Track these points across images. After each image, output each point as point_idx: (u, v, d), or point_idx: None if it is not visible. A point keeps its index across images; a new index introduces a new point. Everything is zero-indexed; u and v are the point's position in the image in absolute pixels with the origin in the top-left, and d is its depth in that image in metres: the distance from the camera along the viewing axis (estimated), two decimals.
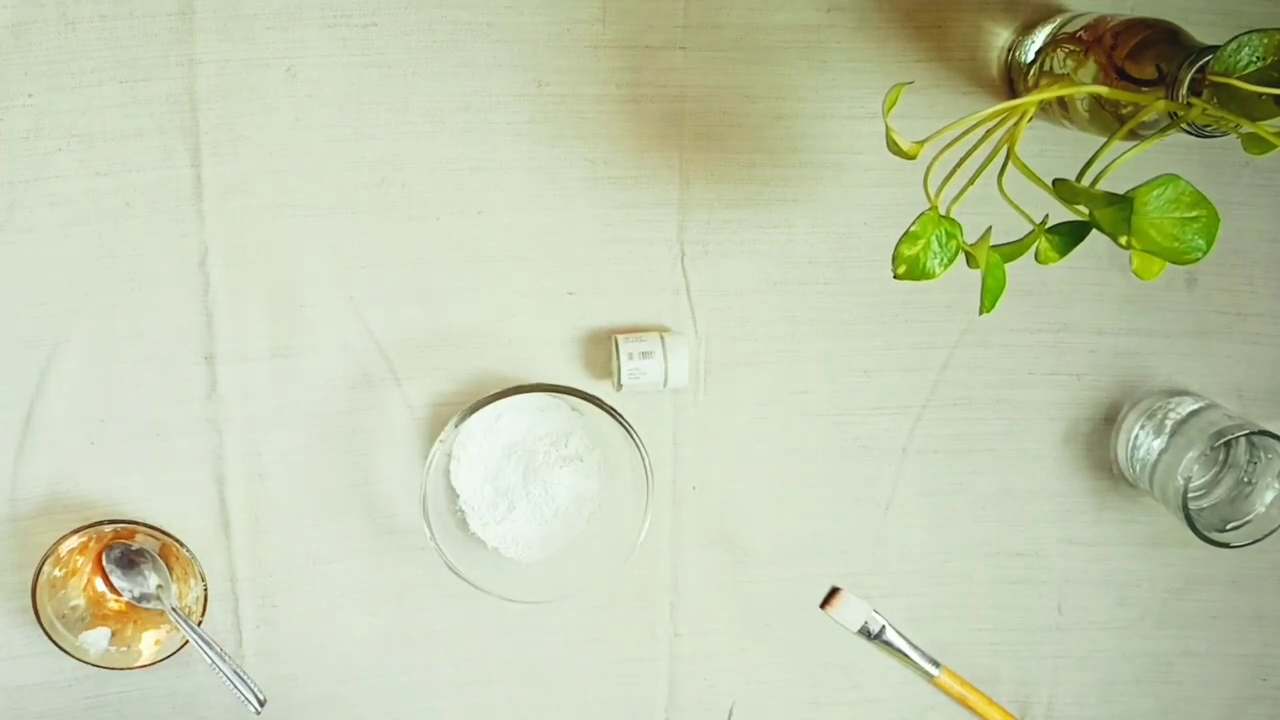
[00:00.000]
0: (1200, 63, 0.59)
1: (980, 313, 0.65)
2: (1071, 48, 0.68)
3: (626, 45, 0.75)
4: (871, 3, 0.76)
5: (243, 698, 0.74)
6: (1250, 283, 0.83)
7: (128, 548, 0.77)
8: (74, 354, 0.76)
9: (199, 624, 0.76)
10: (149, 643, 0.77)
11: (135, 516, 0.77)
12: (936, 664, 0.78)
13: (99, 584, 0.78)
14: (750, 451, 0.83)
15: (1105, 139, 0.63)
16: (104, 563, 0.77)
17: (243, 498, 0.79)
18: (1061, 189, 0.62)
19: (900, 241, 0.63)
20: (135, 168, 0.73)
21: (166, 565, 0.77)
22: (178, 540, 0.76)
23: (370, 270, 0.77)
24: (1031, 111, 0.65)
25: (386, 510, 0.81)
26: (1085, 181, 0.62)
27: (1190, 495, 0.77)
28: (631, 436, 0.75)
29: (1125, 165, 0.62)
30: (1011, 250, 0.65)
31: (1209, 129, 0.60)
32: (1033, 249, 0.65)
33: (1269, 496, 0.79)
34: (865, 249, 0.80)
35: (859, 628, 0.76)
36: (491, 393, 0.75)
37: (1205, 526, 0.78)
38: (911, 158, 0.64)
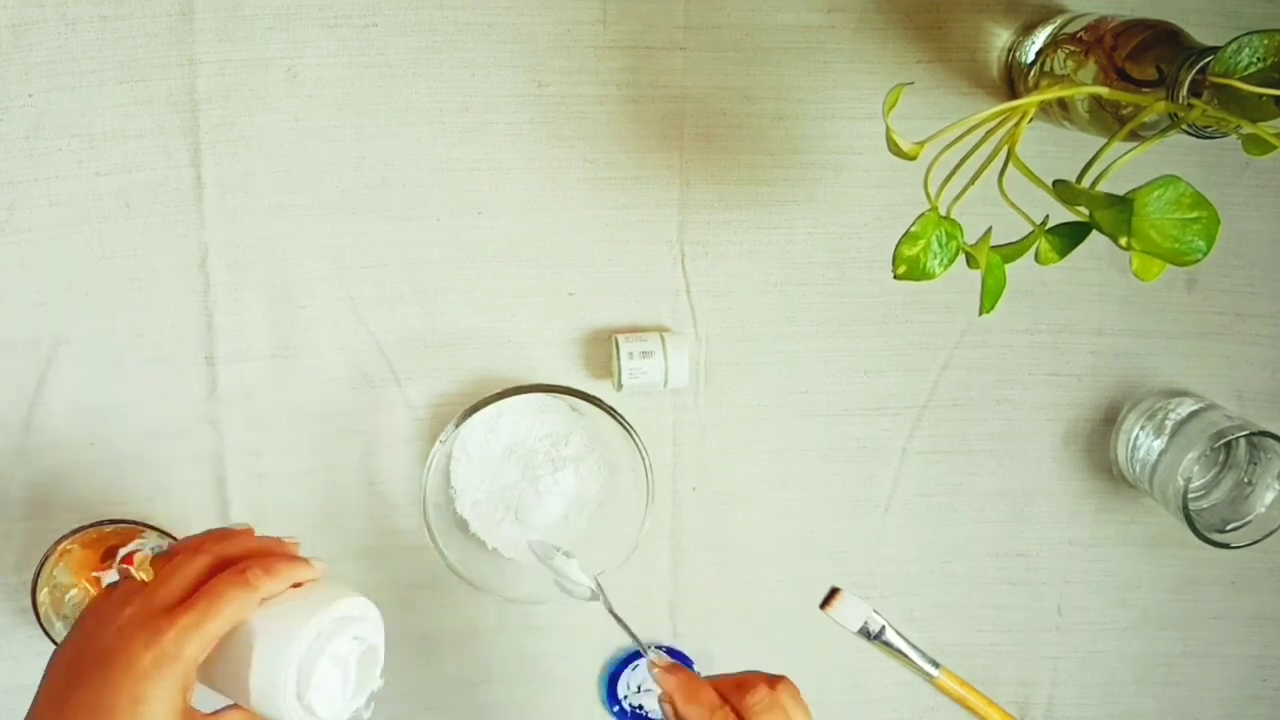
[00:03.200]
0: (1201, 64, 0.59)
1: (980, 313, 0.65)
2: (1072, 48, 0.68)
3: (627, 46, 0.75)
4: (872, 4, 0.76)
5: None
6: (1250, 284, 0.83)
7: (128, 548, 0.77)
8: (74, 354, 0.76)
9: None
10: None
11: (135, 516, 0.77)
12: (936, 664, 0.78)
13: (99, 584, 0.78)
14: (750, 451, 0.83)
15: (1106, 140, 0.63)
16: (104, 563, 0.77)
17: (243, 498, 0.79)
18: (1062, 190, 0.62)
19: (900, 242, 0.63)
20: (135, 168, 0.73)
21: None
22: (178, 540, 0.76)
23: (370, 270, 0.77)
24: (1032, 112, 0.65)
25: (386, 510, 0.81)
26: (1085, 182, 0.62)
27: (1190, 496, 0.77)
28: (631, 437, 0.75)
29: (1125, 166, 0.62)
30: (1011, 251, 0.65)
31: (1209, 130, 0.60)
32: (1033, 250, 0.65)
33: (1269, 497, 0.79)
34: (865, 249, 0.80)
35: (859, 628, 0.76)
36: (491, 393, 0.75)
37: (1205, 527, 0.78)
38: (912, 158, 0.64)
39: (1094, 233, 0.62)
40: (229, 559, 0.59)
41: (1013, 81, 0.76)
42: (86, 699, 0.54)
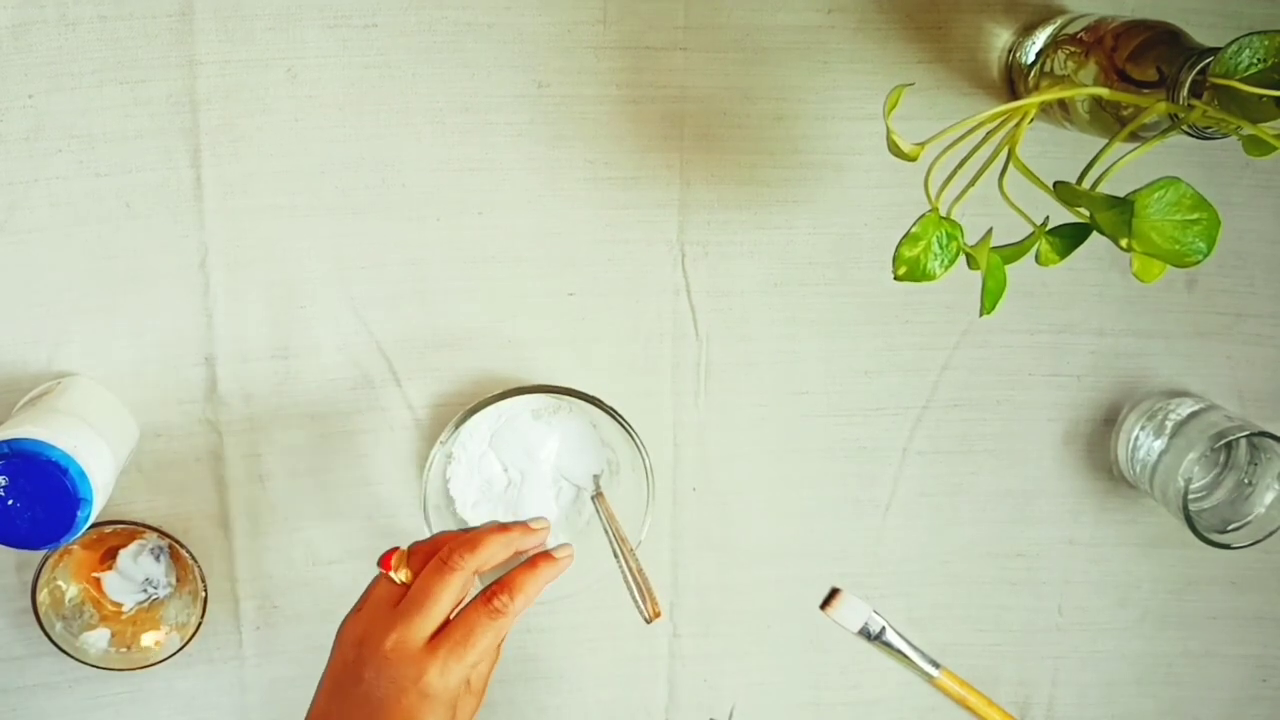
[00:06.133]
0: (1201, 65, 0.59)
1: (981, 314, 0.65)
2: (1072, 49, 0.68)
3: (627, 46, 0.75)
4: (872, 3, 0.76)
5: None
6: (1251, 284, 0.83)
7: (128, 548, 0.77)
8: (74, 354, 0.75)
9: (199, 625, 0.76)
10: (149, 643, 0.77)
11: (135, 516, 0.77)
12: (936, 665, 0.78)
13: (100, 584, 0.78)
14: (750, 451, 0.83)
15: (1106, 141, 0.63)
16: (104, 563, 0.77)
17: (243, 498, 0.79)
18: (1062, 191, 0.62)
19: (901, 243, 0.63)
20: (135, 169, 0.73)
21: (166, 566, 0.77)
22: (178, 541, 0.76)
23: (370, 270, 0.77)
24: (1032, 113, 0.65)
25: (386, 511, 0.81)
26: (1086, 183, 0.62)
27: (1191, 496, 0.77)
28: (631, 436, 0.75)
29: (1126, 167, 0.62)
30: (1012, 252, 0.65)
31: (1210, 131, 0.60)
32: (1033, 250, 0.65)
33: (1269, 498, 0.79)
34: (866, 250, 0.80)
35: (859, 628, 0.76)
36: (491, 393, 0.75)
37: (1206, 528, 0.78)
38: (912, 159, 0.64)
39: (1094, 234, 0.62)
40: (478, 567, 0.64)
41: (1013, 82, 0.76)
42: None
